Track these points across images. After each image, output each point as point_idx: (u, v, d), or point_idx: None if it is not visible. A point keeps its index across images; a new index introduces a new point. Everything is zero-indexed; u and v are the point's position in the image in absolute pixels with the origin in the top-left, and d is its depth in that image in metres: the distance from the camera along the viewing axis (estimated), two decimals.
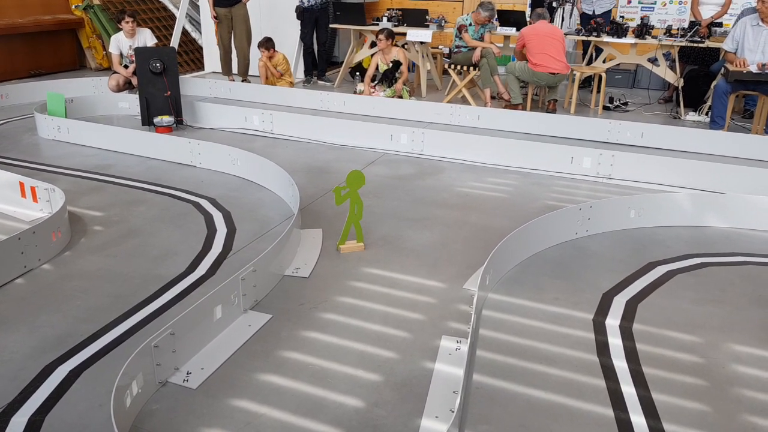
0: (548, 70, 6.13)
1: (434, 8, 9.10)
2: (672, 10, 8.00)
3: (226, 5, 7.10)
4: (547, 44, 6.11)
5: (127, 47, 6.40)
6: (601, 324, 2.55)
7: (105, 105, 6.20)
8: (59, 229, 3.11)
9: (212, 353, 2.26)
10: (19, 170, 4.14)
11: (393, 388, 2.11)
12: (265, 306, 2.61)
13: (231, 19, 7.19)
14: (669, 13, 8.00)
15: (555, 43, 6.12)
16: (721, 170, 4.20)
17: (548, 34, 6.14)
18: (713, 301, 2.77)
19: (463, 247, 3.25)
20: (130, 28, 6.29)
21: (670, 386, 2.16)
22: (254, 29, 7.46)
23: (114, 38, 6.49)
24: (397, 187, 4.19)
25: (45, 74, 8.13)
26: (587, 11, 7.44)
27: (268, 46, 6.99)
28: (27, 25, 7.81)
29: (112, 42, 6.48)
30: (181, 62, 8.42)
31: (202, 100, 6.51)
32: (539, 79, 6.23)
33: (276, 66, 7.10)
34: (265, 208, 3.75)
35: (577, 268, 3.04)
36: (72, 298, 2.64)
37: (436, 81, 7.95)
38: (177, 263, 2.99)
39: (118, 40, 6.45)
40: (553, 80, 6.22)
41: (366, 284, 2.84)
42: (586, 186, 4.30)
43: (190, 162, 4.55)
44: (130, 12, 6.34)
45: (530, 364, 2.26)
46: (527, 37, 6.21)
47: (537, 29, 6.18)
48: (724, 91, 5.60)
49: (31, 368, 2.15)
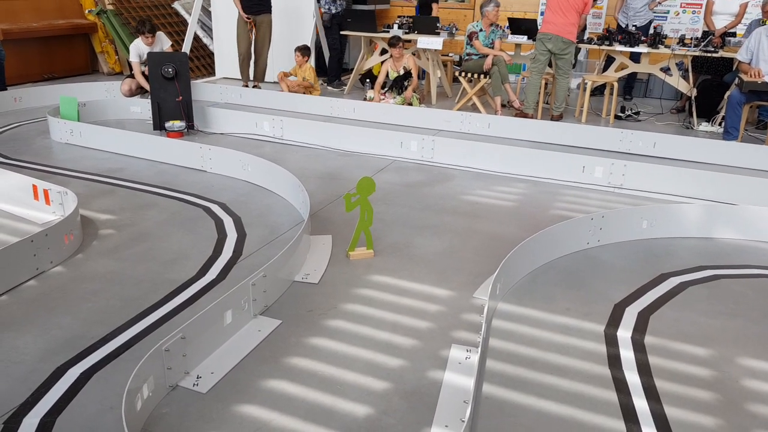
0: (545, 29, 6.12)
1: (445, 15, 9.12)
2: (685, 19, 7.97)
3: (253, 13, 7.15)
4: (555, 3, 6.06)
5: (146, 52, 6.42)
6: (613, 335, 2.53)
7: (117, 109, 6.26)
8: (71, 232, 3.13)
9: (222, 358, 2.26)
10: (32, 173, 4.18)
11: (402, 396, 2.10)
12: (274, 312, 2.61)
13: (254, 25, 7.23)
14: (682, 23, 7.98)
15: (564, 3, 6.01)
16: (734, 181, 4.16)
17: None
18: (726, 314, 2.74)
19: (473, 256, 3.24)
20: (150, 42, 6.30)
21: (683, 400, 2.14)
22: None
23: (134, 46, 6.45)
24: (407, 194, 4.18)
25: (58, 78, 8.22)
26: (622, 23, 7.37)
27: (305, 53, 7.10)
28: (41, 29, 7.90)
29: (132, 50, 6.44)
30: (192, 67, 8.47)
31: (213, 105, 6.55)
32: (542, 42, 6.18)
33: (304, 75, 7.15)
34: (275, 214, 3.76)
35: (589, 279, 3.02)
36: (83, 300, 2.66)
37: (447, 88, 7.95)
38: (187, 267, 3.00)
39: (138, 48, 6.42)
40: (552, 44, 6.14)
41: (375, 291, 2.83)
42: (597, 195, 4.28)
43: (200, 167, 4.57)
44: (149, 27, 6.28)
45: (541, 375, 2.25)
46: None
47: None
48: (738, 101, 5.56)
49: (42, 370, 2.16)
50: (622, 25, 7.31)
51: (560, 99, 6.49)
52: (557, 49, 6.18)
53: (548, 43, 6.17)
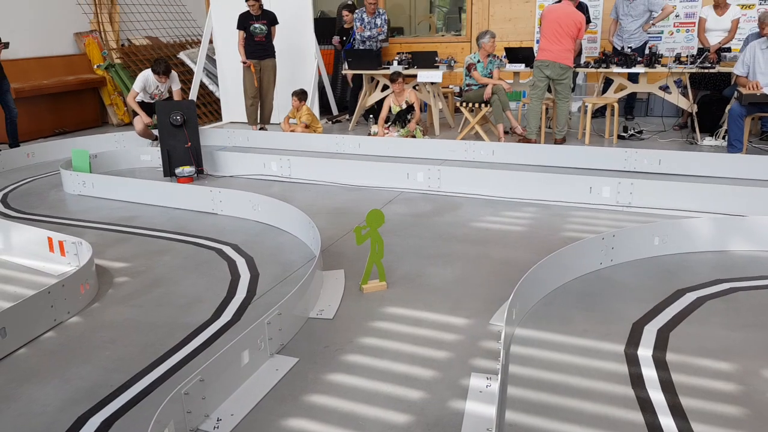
0: (541, 56, 6.21)
1: (443, 50, 9.30)
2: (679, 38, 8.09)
3: (257, 58, 7.33)
4: (550, 30, 6.10)
5: (155, 86, 6.48)
6: (634, 355, 2.50)
7: (128, 159, 6.38)
8: (87, 282, 3.17)
9: (241, 399, 2.25)
10: (46, 226, 4.25)
11: (425, 428, 2.07)
12: (291, 349, 2.61)
13: (260, 70, 7.41)
14: (677, 41, 8.09)
15: (557, 29, 6.04)
16: (742, 193, 4.16)
17: (555, 19, 6.08)
18: (747, 326, 2.70)
19: (487, 282, 3.24)
20: (163, 81, 6.42)
21: (710, 416, 2.10)
22: None
23: (142, 75, 6.48)
24: (416, 224, 4.20)
25: (69, 132, 8.42)
26: (617, 46, 7.46)
27: (302, 97, 7.28)
28: (51, 86, 8.14)
29: (139, 79, 6.46)
30: (199, 114, 8.66)
31: (221, 149, 6.67)
32: (540, 69, 6.26)
33: (301, 117, 7.29)
34: (286, 252, 3.79)
35: (605, 299, 3.00)
36: (101, 348, 2.67)
37: (449, 119, 8.06)
38: (203, 310, 3.01)
39: (146, 79, 6.45)
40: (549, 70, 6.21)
41: (390, 324, 2.83)
42: (605, 216, 4.28)
43: (212, 210, 4.63)
44: (164, 69, 6.33)
45: (563, 399, 2.22)
46: (542, 21, 6.25)
47: (551, 11, 6.17)
48: (739, 114, 5.60)
49: (63, 420, 2.16)
50: (618, 47, 7.41)
51: (562, 123, 6.55)
52: (555, 75, 6.27)
53: (546, 70, 6.27)
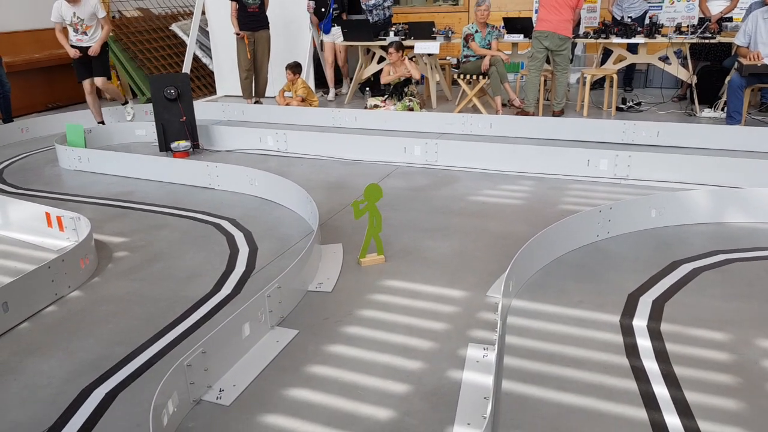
0: (539, 27, 6.17)
1: (440, 20, 9.17)
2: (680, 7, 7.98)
3: (250, 29, 7.19)
4: (549, 3, 6.12)
5: (71, 15, 5.93)
6: (629, 325, 2.53)
7: (122, 133, 6.34)
8: (87, 256, 3.18)
9: (243, 370, 2.29)
10: (43, 201, 4.25)
11: (423, 397, 2.12)
12: (291, 322, 2.64)
13: (254, 42, 7.26)
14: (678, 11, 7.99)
15: (557, 1, 6.07)
16: (740, 165, 4.16)
17: None
18: (741, 297, 2.74)
19: (484, 255, 3.26)
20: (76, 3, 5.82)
21: (704, 385, 2.14)
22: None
23: (55, 7, 5.89)
24: (414, 198, 4.21)
25: (62, 107, 8.33)
26: (617, 16, 7.38)
27: (296, 70, 7.18)
28: (43, 59, 8.03)
29: (54, 11, 5.88)
30: (193, 87, 8.57)
31: (217, 123, 6.62)
32: (539, 41, 6.22)
33: (296, 91, 7.22)
34: (284, 226, 3.80)
35: (601, 271, 3.03)
36: (104, 322, 2.70)
37: (446, 92, 7.99)
38: (203, 284, 3.04)
39: (59, 9, 5.88)
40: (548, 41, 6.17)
41: (389, 296, 2.86)
42: (603, 188, 4.28)
43: (208, 184, 4.62)
44: None
45: (559, 368, 2.26)
46: None
47: None
48: (739, 85, 5.57)
49: (68, 392, 2.20)
50: (618, 17, 7.33)
51: (560, 95, 6.51)
52: (554, 46, 6.21)
53: (545, 41, 6.20)
